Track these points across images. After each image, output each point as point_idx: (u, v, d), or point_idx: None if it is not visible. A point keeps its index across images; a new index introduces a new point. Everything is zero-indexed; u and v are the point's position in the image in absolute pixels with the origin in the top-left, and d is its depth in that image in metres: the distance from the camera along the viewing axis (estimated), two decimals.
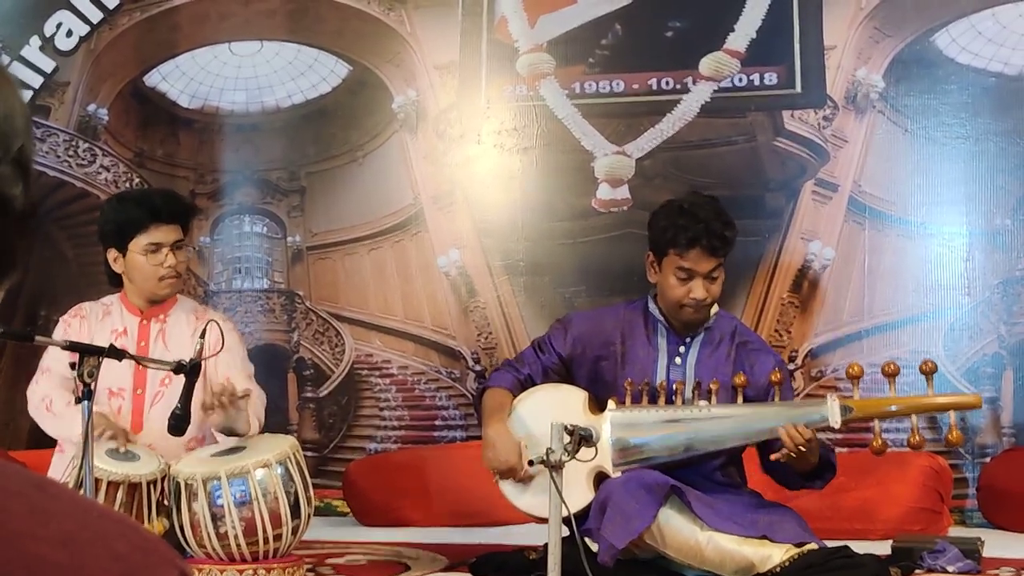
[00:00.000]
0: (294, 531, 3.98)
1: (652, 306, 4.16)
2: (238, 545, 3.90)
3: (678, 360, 4.12)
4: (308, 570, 4.19)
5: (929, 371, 3.87)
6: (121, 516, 0.84)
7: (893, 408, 3.92)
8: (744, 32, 5.70)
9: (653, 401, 4.03)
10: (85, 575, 0.77)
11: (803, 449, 3.78)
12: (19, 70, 6.38)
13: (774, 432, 3.85)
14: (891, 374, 3.89)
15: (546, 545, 3.44)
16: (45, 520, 0.78)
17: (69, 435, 4.15)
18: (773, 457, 3.88)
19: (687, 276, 3.98)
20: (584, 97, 5.88)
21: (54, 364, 4.27)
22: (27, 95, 6.39)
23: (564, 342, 4.18)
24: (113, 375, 4.18)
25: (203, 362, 3.77)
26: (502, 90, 5.99)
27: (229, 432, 4.07)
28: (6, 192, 0.91)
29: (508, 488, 4.08)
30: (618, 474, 3.91)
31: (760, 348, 4.21)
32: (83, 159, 6.35)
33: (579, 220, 5.86)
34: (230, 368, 4.22)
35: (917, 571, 4.15)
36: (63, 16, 6.39)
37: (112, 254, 4.35)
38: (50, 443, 4.46)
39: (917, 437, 3.87)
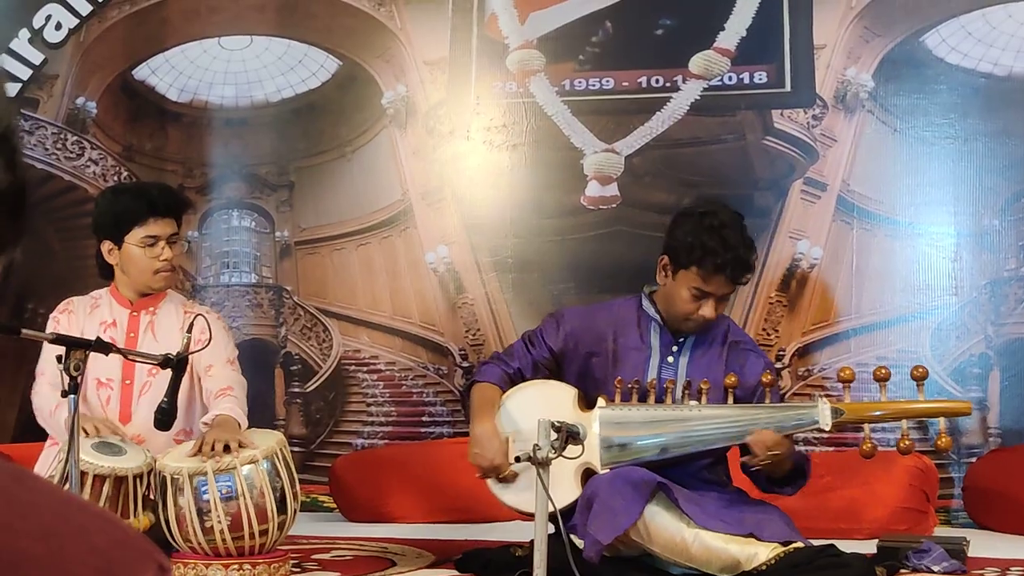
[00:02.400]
0: (280, 526, 3.97)
1: (647, 303, 4.16)
2: (224, 540, 3.90)
3: (670, 359, 4.12)
4: (294, 566, 4.19)
5: (920, 377, 3.88)
6: (100, 510, 0.84)
7: (883, 413, 3.93)
8: (734, 31, 5.70)
9: (643, 399, 4.03)
10: (64, 568, 0.76)
11: (775, 453, 3.79)
12: (8, 63, 6.37)
13: None
14: (882, 379, 3.90)
15: (532, 542, 3.44)
16: (24, 513, 0.77)
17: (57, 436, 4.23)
18: (743, 460, 3.90)
19: (702, 295, 3.97)
20: (574, 94, 5.88)
21: (47, 367, 4.28)
22: (15, 88, 6.37)
23: (556, 336, 4.18)
24: (102, 366, 4.18)
25: (189, 356, 3.78)
26: (492, 86, 5.98)
27: None
28: None
29: (494, 484, 4.08)
30: (605, 471, 3.91)
31: (751, 349, 4.22)
32: (71, 152, 6.33)
33: (568, 217, 5.86)
34: (213, 357, 4.24)
35: (902, 571, 4.15)
36: (52, 9, 6.37)
37: (107, 246, 4.35)
38: (37, 437, 4.46)
39: (907, 442, 3.87)
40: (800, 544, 3.86)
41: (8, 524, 0.76)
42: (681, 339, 4.14)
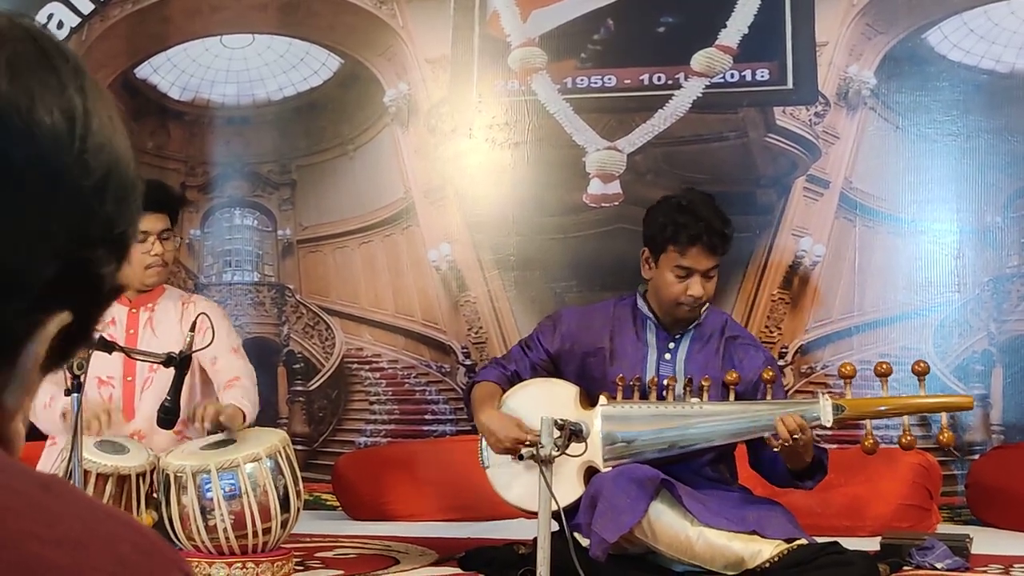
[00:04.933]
0: (283, 525, 3.98)
1: (641, 302, 4.16)
2: (227, 538, 3.90)
3: (668, 356, 4.12)
4: (297, 564, 4.19)
5: (921, 372, 3.87)
6: (126, 517, 0.84)
7: (885, 408, 3.93)
8: (736, 28, 5.70)
9: (644, 397, 4.03)
10: None
11: (797, 439, 3.76)
12: None
13: (765, 430, 3.85)
14: (883, 374, 3.89)
15: (535, 539, 3.44)
16: (50, 521, 0.77)
17: (49, 431, 4.21)
18: (768, 441, 3.87)
19: (685, 274, 3.98)
20: (576, 92, 5.87)
21: None
22: None
23: (552, 338, 4.18)
24: (103, 364, 4.18)
25: (192, 354, 3.78)
26: (494, 84, 5.98)
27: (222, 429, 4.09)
28: (97, 271, 0.87)
29: (497, 481, 4.08)
30: (608, 469, 3.91)
31: (750, 343, 4.21)
32: None
33: (570, 215, 5.86)
34: (217, 349, 4.22)
35: (906, 568, 4.16)
36: (54, 7, 6.37)
37: None
38: (38, 436, 4.45)
39: (908, 437, 3.87)
40: (804, 541, 3.86)
41: (34, 533, 0.76)
42: (677, 335, 4.14)
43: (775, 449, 3.84)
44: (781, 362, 5.45)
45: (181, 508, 3.92)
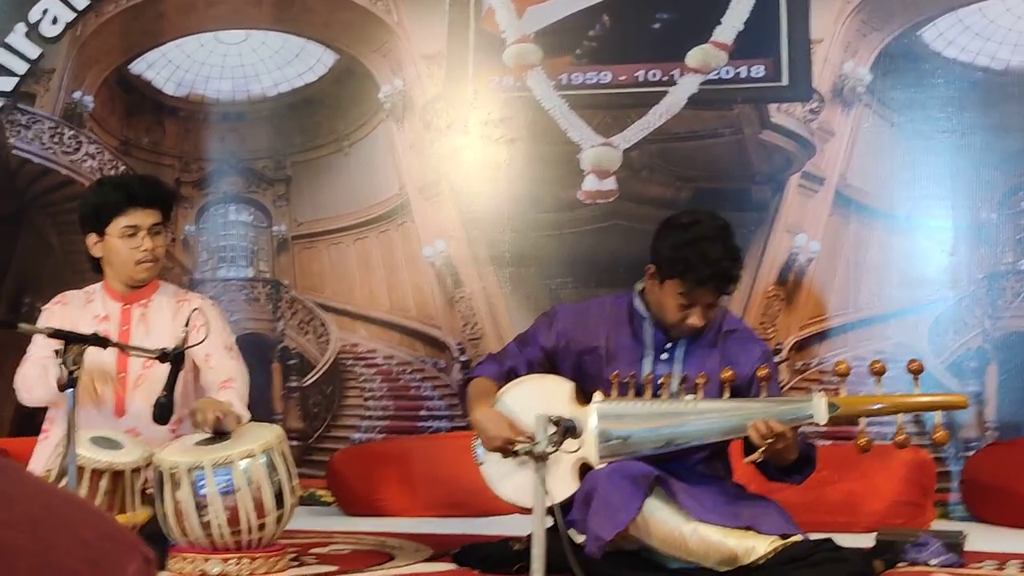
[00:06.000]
0: (278, 521, 3.97)
1: (638, 302, 4.15)
2: (222, 534, 3.90)
3: (664, 355, 4.11)
4: (292, 559, 4.18)
5: (916, 370, 3.87)
6: (83, 502, 0.83)
7: (879, 407, 3.92)
8: (731, 24, 5.70)
9: (639, 394, 4.02)
10: (52, 560, 0.76)
11: (773, 443, 3.76)
12: (4, 57, 6.36)
13: None
14: (878, 372, 3.89)
15: (530, 536, 3.44)
16: (9, 504, 0.77)
17: (48, 391, 4.14)
18: (746, 460, 3.88)
19: (688, 304, 3.96)
20: (571, 88, 5.87)
21: (36, 351, 4.28)
22: (12, 82, 6.36)
23: (548, 335, 4.18)
24: (96, 361, 4.17)
25: (186, 350, 3.78)
26: (489, 81, 5.98)
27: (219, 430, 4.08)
28: None
29: (492, 477, 4.07)
30: (602, 466, 3.91)
31: (747, 337, 4.20)
32: (68, 146, 6.32)
33: (565, 211, 5.86)
34: (211, 346, 4.21)
35: (900, 564, 4.15)
36: (49, 2, 6.36)
37: (92, 239, 4.35)
38: (34, 431, 4.45)
39: (902, 435, 3.87)
40: (798, 537, 3.85)
41: None
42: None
43: (757, 459, 3.84)
44: (776, 358, 5.45)
45: (176, 504, 3.91)
